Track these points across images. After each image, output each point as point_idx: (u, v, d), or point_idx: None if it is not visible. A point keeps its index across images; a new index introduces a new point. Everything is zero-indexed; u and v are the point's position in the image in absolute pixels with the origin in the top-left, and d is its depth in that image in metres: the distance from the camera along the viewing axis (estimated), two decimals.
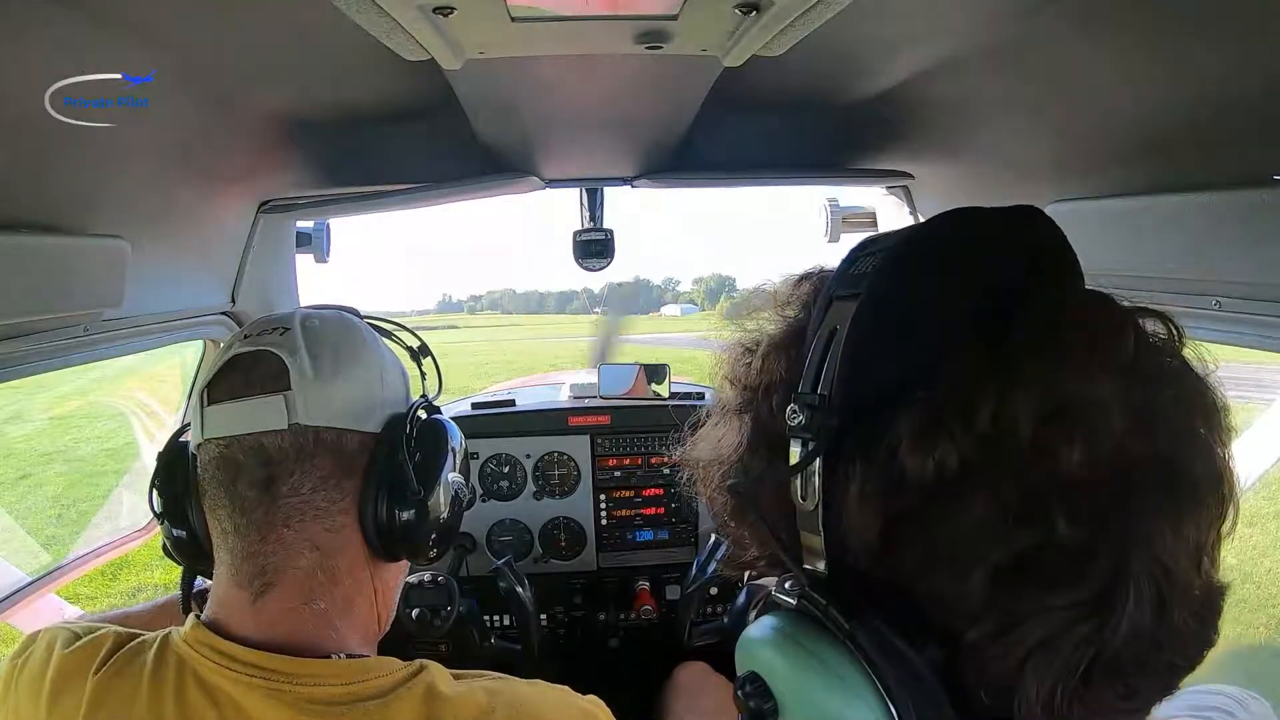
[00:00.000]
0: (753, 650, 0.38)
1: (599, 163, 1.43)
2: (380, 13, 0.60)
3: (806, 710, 0.36)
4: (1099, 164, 0.94)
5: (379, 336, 0.76)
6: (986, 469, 0.33)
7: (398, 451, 0.67)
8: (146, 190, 1.01)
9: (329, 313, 0.72)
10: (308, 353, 0.64)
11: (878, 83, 1.02)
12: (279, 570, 0.62)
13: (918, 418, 0.34)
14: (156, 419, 4.98)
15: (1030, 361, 0.34)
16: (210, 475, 0.63)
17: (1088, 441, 0.32)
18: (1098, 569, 0.32)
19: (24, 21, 0.61)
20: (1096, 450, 0.32)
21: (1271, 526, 5.04)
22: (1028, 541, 0.32)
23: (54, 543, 5.14)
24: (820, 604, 0.37)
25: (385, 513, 0.66)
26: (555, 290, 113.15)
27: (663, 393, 1.75)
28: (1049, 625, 0.32)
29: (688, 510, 1.73)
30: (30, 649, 0.65)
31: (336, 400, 0.64)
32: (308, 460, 0.63)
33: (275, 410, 0.62)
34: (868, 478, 0.36)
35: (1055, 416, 0.33)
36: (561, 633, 1.70)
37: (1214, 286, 0.81)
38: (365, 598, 0.68)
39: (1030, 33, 0.77)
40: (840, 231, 1.72)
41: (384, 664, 0.62)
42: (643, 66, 0.86)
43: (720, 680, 1.16)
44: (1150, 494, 0.33)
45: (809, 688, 0.36)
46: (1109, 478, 0.32)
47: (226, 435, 0.63)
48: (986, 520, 0.33)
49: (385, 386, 0.70)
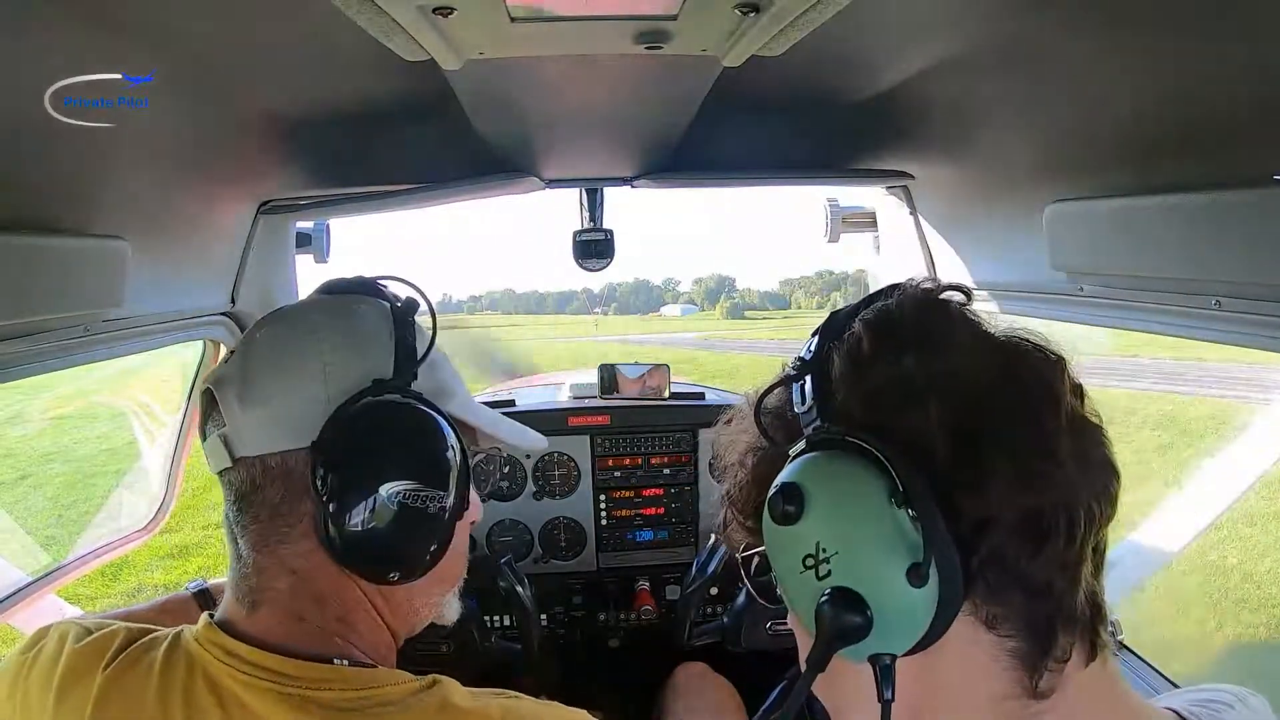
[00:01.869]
0: (793, 468, 0.47)
1: (599, 163, 1.43)
2: (380, 13, 0.60)
3: (830, 494, 0.45)
4: (1099, 164, 0.94)
5: (344, 313, 0.69)
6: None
7: (328, 460, 0.60)
8: (146, 190, 1.01)
9: (283, 313, 0.71)
10: (241, 377, 0.63)
11: (878, 83, 1.02)
12: (262, 590, 0.63)
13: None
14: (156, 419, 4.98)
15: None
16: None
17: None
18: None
19: (24, 21, 0.61)
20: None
21: (1272, 526, 5.04)
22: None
23: (54, 543, 5.14)
24: (836, 432, 0.46)
25: (337, 533, 0.60)
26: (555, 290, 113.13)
27: (662, 392, 1.76)
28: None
29: (688, 510, 1.73)
30: (41, 643, 0.65)
31: (271, 423, 0.62)
32: (260, 491, 0.62)
33: (220, 449, 0.63)
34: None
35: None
36: (561, 633, 1.70)
37: (1214, 286, 0.81)
38: (365, 614, 0.66)
39: (1030, 33, 0.77)
40: (840, 231, 1.72)
41: (394, 674, 0.61)
42: (643, 66, 0.86)
43: (719, 681, 1.16)
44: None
45: (834, 479, 0.45)
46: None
47: (213, 472, 0.66)
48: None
49: (332, 381, 0.62)
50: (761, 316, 71.19)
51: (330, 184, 1.31)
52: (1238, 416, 6.38)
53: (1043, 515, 0.43)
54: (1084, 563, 0.44)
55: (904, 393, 0.45)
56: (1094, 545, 0.45)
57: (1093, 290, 1.03)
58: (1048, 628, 0.44)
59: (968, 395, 0.45)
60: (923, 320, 0.49)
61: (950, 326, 0.48)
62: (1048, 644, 0.44)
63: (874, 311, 0.50)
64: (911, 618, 0.42)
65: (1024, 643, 0.44)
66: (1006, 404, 0.44)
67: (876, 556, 0.42)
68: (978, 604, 0.44)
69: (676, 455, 1.72)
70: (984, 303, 1.41)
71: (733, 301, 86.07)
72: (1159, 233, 0.84)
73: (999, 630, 0.44)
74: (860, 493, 0.43)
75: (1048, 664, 0.44)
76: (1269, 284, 0.74)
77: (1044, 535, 0.43)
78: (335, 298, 0.73)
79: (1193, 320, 0.89)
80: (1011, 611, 0.44)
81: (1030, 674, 0.44)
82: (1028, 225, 1.08)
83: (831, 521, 0.44)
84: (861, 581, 0.42)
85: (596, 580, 1.73)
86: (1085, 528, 0.43)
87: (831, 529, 0.44)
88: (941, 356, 0.46)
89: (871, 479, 0.43)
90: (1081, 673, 0.45)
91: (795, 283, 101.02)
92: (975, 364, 0.46)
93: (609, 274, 1.62)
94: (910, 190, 1.49)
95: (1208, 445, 6.28)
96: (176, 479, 1.64)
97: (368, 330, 0.67)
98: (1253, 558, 4.75)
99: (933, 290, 0.51)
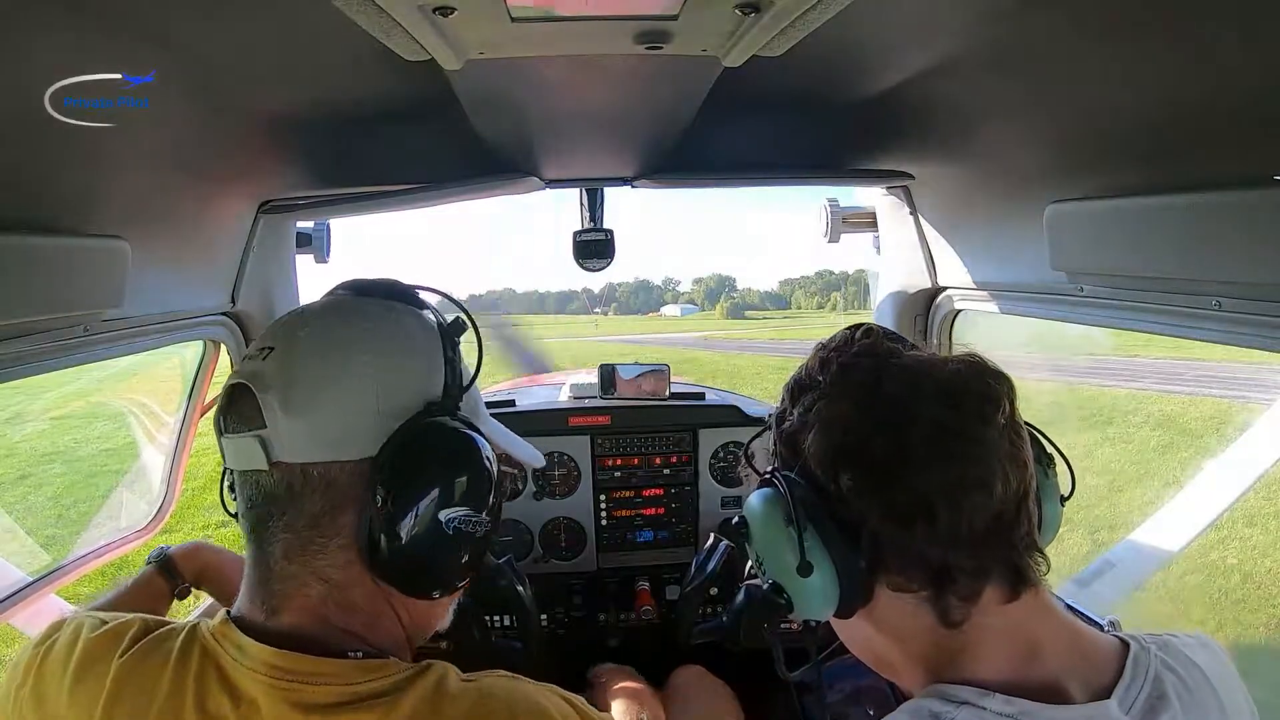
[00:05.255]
0: (747, 505, 0.68)
1: (599, 163, 1.43)
2: (380, 13, 0.60)
3: (760, 528, 0.66)
4: (1099, 164, 0.94)
5: (392, 326, 0.68)
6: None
7: (390, 480, 0.60)
8: (147, 191, 1.01)
9: (326, 315, 0.68)
10: (284, 379, 0.61)
11: (878, 83, 1.02)
12: (286, 597, 0.62)
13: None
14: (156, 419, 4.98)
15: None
16: (237, 494, 0.65)
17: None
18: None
19: (24, 21, 0.61)
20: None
21: (1272, 526, 5.04)
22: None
23: (54, 543, 5.13)
24: (779, 480, 0.65)
25: (387, 551, 0.60)
26: (555, 290, 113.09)
27: (662, 393, 1.76)
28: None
29: (688, 510, 1.73)
30: (55, 635, 0.65)
31: (317, 432, 0.60)
32: (298, 499, 0.60)
33: (255, 451, 0.60)
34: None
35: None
36: (562, 633, 1.70)
37: (1214, 287, 0.81)
38: (390, 622, 0.66)
39: (1030, 33, 0.77)
40: (840, 231, 1.72)
41: (395, 664, 0.61)
42: (643, 67, 0.86)
43: (717, 682, 1.16)
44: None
45: (762, 517, 0.65)
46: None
47: (234, 468, 0.64)
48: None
49: (384, 396, 0.62)
50: (762, 316, 71.19)
51: (330, 184, 1.31)
52: (1238, 416, 6.38)
53: (902, 505, 0.58)
54: (959, 532, 0.57)
55: (798, 430, 0.64)
56: (993, 514, 0.57)
57: (1092, 290, 1.03)
58: (936, 581, 0.59)
59: (833, 430, 0.61)
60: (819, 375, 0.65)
61: (841, 377, 0.64)
62: (941, 591, 0.59)
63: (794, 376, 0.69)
64: (817, 596, 0.61)
65: (927, 592, 0.59)
66: (862, 431, 0.60)
67: (780, 561, 0.62)
68: (888, 576, 0.60)
69: (676, 455, 1.72)
70: (984, 303, 1.41)
71: (733, 301, 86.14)
72: (1159, 233, 0.84)
73: (908, 589, 0.60)
74: (769, 519, 0.64)
75: (950, 603, 0.58)
76: (1269, 284, 0.74)
77: (909, 519, 0.57)
78: (379, 304, 0.70)
79: (1193, 320, 0.89)
80: (909, 576, 0.60)
81: (940, 612, 0.59)
82: (1028, 225, 1.08)
83: (759, 540, 0.66)
84: (777, 576, 0.63)
85: (596, 580, 1.73)
86: (947, 510, 0.56)
87: (759, 546, 0.66)
88: (820, 402, 0.63)
89: (776, 509, 0.64)
90: (1009, 605, 0.59)
91: (795, 283, 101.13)
92: (842, 402, 0.62)
93: (609, 274, 1.62)
94: (910, 190, 1.49)
95: (1208, 445, 6.27)
96: (176, 479, 1.64)
97: (419, 348, 0.67)
98: (1253, 558, 4.75)
99: (840, 351, 0.66)
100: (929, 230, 1.48)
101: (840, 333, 0.69)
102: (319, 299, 0.74)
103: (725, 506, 1.73)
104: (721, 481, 1.74)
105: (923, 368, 0.61)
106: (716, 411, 1.74)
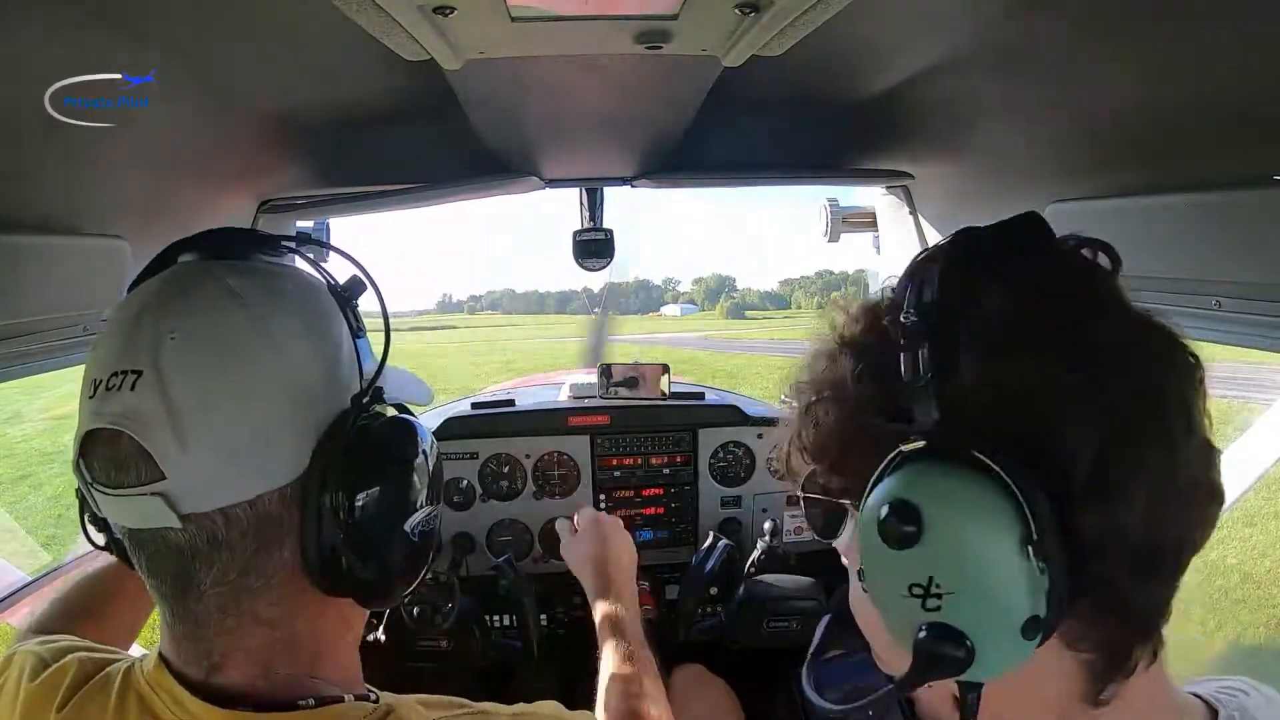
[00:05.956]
0: (910, 481, 0.41)
1: (599, 163, 1.43)
2: (380, 12, 0.60)
3: (954, 528, 0.40)
4: (1099, 164, 0.94)
5: (278, 300, 0.54)
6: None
7: (334, 497, 0.52)
8: (146, 190, 1.01)
9: (189, 303, 0.51)
10: (168, 410, 0.47)
11: (878, 83, 1.02)
12: (226, 652, 0.54)
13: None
14: None
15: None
16: (127, 545, 0.53)
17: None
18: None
19: (24, 21, 0.61)
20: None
21: (1271, 526, 5.04)
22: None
23: (54, 543, 5.13)
24: (961, 444, 0.40)
25: (345, 570, 0.54)
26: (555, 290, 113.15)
27: (662, 392, 1.76)
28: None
29: (687, 510, 1.73)
30: (5, 674, 0.62)
31: (231, 464, 0.49)
32: (225, 549, 0.51)
33: (158, 509, 0.48)
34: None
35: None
36: (561, 633, 1.70)
37: (1214, 286, 0.81)
38: (338, 641, 0.60)
39: (1030, 33, 0.77)
40: (840, 231, 1.72)
41: (348, 710, 0.55)
42: (643, 66, 0.86)
43: (716, 682, 1.16)
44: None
45: (959, 510, 0.40)
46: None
47: (129, 526, 0.52)
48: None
49: (300, 399, 0.52)
50: (761, 316, 71.22)
51: (330, 183, 1.31)
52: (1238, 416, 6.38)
53: (1156, 547, 0.40)
54: (1177, 590, 0.43)
55: (1053, 402, 0.40)
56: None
57: None
58: (1126, 649, 0.43)
59: (1116, 410, 0.40)
60: (1075, 303, 0.43)
61: (1104, 313, 0.43)
62: (1121, 662, 0.43)
63: (1021, 275, 0.44)
64: (1015, 659, 0.40)
65: (1099, 659, 0.43)
66: (1146, 420, 0.40)
67: (995, 606, 0.39)
68: (1066, 624, 0.41)
69: (676, 455, 1.72)
70: None
71: (733, 301, 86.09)
72: (1159, 233, 0.84)
73: (1077, 647, 0.43)
74: (989, 535, 0.39)
75: (1115, 678, 0.43)
76: (1269, 284, 0.74)
77: (1154, 568, 0.41)
78: (248, 273, 0.55)
79: (1193, 320, 0.89)
80: (1095, 632, 0.42)
81: (1096, 685, 0.43)
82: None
83: (952, 560, 0.39)
84: (973, 626, 0.39)
85: None
86: (1189, 557, 0.42)
87: (950, 567, 0.39)
88: (1093, 357, 0.41)
89: (1003, 519, 0.38)
90: (1139, 676, 0.44)
91: (795, 283, 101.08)
92: (1124, 368, 0.41)
93: (609, 273, 1.62)
94: (910, 190, 1.49)
95: None
96: None
97: (323, 327, 0.56)
98: (1252, 558, 4.76)
99: (1082, 258, 0.47)
100: (929, 230, 1.48)
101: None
102: (158, 277, 0.55)
103: (725, 506, 1.73)
104: (721, 481, 1.74)
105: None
106: (716, 411, 1.74)
